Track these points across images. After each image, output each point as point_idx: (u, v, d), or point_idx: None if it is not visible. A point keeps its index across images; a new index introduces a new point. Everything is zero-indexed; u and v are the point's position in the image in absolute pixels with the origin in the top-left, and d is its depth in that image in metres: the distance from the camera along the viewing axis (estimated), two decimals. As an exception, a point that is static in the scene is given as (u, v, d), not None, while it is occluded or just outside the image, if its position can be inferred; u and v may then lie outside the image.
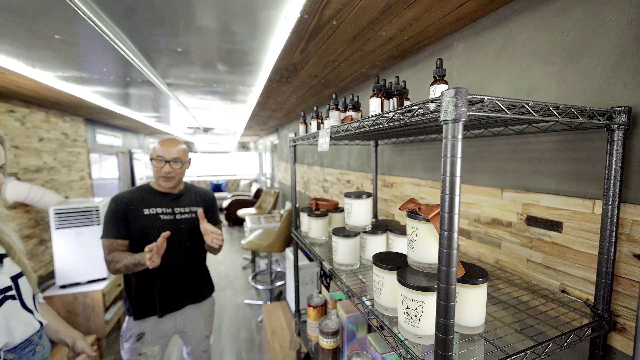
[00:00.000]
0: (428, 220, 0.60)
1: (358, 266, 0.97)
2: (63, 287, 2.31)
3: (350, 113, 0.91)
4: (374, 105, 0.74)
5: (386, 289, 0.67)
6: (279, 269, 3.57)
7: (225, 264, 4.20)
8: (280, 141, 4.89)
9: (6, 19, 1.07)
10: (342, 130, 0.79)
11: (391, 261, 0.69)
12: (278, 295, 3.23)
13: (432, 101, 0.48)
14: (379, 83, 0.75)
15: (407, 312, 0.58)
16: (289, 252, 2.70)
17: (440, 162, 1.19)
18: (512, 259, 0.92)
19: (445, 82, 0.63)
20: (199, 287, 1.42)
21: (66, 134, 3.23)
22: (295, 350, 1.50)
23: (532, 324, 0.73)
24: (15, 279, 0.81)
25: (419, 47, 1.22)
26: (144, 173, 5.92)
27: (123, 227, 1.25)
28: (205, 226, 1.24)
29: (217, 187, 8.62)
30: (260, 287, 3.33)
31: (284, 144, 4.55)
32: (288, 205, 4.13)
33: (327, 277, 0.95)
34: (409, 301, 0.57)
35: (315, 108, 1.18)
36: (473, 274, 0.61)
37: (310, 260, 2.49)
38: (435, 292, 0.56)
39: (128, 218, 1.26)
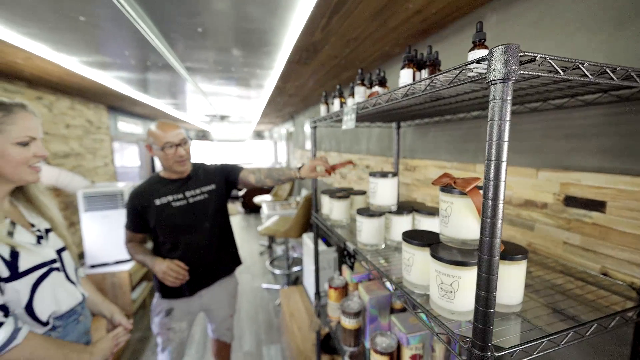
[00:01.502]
0: (464, 194, 0.57)
1: (383, 247, 0.95)
2: (92, 267, 2.43)
3: (377, 89, 0.88)
4: (405, 77, 0.71)
5: (417, 265, 0.66)
6: (295, 255, 3.62)
7: (242, 249, 4.29)
8: (296, 128, 4.87)
9: (33, 0, 1.09)
10: (370, 105, 0.76)
11: (422, 238, 0.67)
12: (295, 281, 3.29)
13: (478, 61, 0.44)
14: (410, 53, 0.71)
15: (441, 288, 0.56)
16: (306, 237, 2.72)
17: (468, 144, 1.14)
18: (547, 242, 0.88)
19: (486, 47, 0.59)
20: (226, 262, 1.45)
21: (90, 121, 3.34)
22: (315, 331, 1.52)
23: (565, 307, 0.69)
24: (59, 252, 0.86)
25: (448, 21, 1.15)
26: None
27: (137, 222, 1.30)
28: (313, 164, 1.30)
29: (233, 176, 8.76)
30: (277, 271, 3.39)
31: (300, 131, 4.53)
32: (304, 192, 4.14)
33: (351, 257, 0.94)
34: (444, 276, 0.55)
35: (338, 86, 1.15)
36: (512, 251, 0.59)
37: (328, 245, 2.50)
38: (472, 267, 0.54)
39: (144, 212, 1.28)
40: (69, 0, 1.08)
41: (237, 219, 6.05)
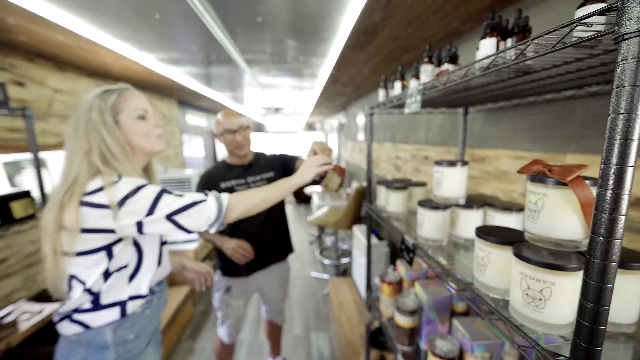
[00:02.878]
0: (562, 185, 0.47)
1: (445, 243, 0.87)
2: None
3: (447, 66, 0.78)
4: (487, 48, 0.61)
5: (493, 266, 0.57)
6: (344, 247, 3.61)
7: (293, 237, 4.44)
8: (348, 119, 4.80)
9: (116, 2, 1.22)
10: (441, 84, 0.68)
11: (500, 235, 0.58)
12: (343, 272, 3.29)
13: (601, 12, 0.35)
14: (494, 19, 0.61)
15: (527, 294, 0.47)
16: (356, 230, 2.68)
17: (556, 130, 0.97)
18: (667, 251, 0.70)
19: (603, 1, 0.47)
20: (279, 247, 1.50)
21: (164, 114, 3.74)
22: (365, 325, 1.49)
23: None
24: None
25: (536, -16, 0.98)
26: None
27: None
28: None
29: (285, 167, 9.09)
30: (326, 261, 3.43)
31: (352, 122, 4.45)
32: (355, 184, 4.09)
33: (409, 252, 0.87)
34: (532, 281, 0.46)
35: (399, 68, 1.07)
36: (629, 257, 0.47)
37: (380, 239, 2.43)
38: (572, 273, 0.44)
39: None
40: None
41: (288, 208, 6.27)
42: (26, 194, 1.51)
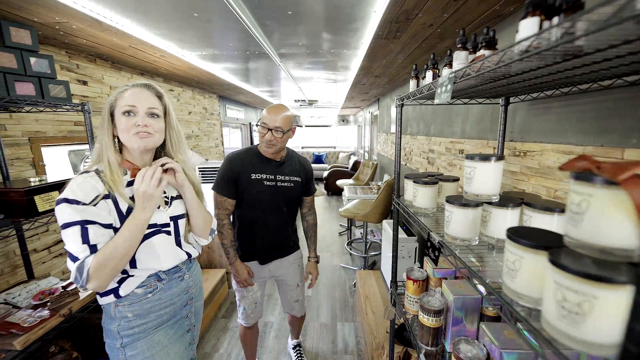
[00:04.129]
0: (613, 185, 0.41)
1: (476, 243, 0.81)
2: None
3: (483, 52, 0.72)
4: (527, 29, 0.54)
5: (525, 271, 0.52)
6: (373, 239, 3.57)
7: (324, 228, 4.48)
8: (381, 111, 4.67)
9: (159, 3, 1.29)
10: (473, 71, 0.62)
11: (535, 238, 0.53)
12: (371, 265, 3.25)
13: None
14: (539, -4, 0.54)
15: (562, 306, 0.43)
16: (385, 224, 2.62)
17: (614, 121, 0.85)
18: None
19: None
20: (289, 243, 1.55)
21: (206, 108, 3.94)
22: (389, 319, 1.46)
23: None
24: (175, 219, 0.93)
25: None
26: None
27: (232, 188, 1.35)
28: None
29: (319, 158, 9.12)
30: (355, 253, 3.42)
31: (385, 114, 4.32)
32: (386, 177, 3.99)
33: (435, 250, 0.83)
34: (569, 292, 0.42)
35: (432, 55, 1.00)
36: (694, 271, 0.40)
37: (409, 234, 2.35)
38: (620, 287, 0.39)
39: (237, 179, 1.35)
40: (184, -2, 1.24)
41: (320, 200, 6.32)
42: (84, 180, 1.70)
